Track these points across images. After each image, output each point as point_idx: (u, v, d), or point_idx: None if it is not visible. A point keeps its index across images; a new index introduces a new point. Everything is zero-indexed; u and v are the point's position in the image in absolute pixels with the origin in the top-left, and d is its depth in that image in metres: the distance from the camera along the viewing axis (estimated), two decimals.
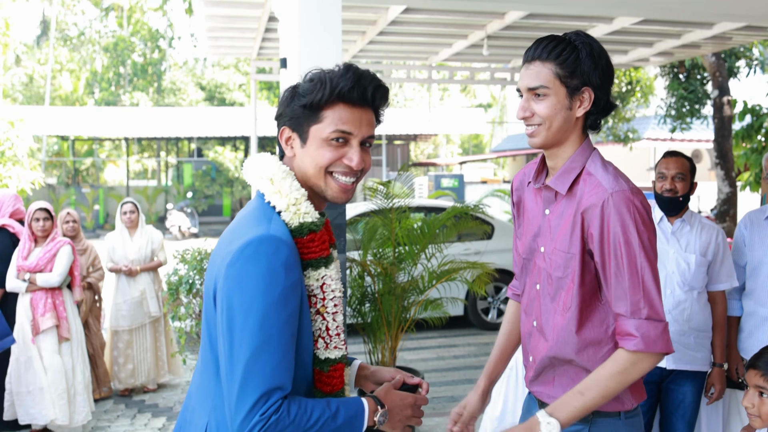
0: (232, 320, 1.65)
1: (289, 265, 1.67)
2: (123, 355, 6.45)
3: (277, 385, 1.64)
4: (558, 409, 1.94)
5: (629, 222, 1.92)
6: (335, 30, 4.22)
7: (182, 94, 30.85)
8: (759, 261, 3.61)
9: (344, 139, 1.76)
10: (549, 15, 7.50)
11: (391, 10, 7.27)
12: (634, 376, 1.93)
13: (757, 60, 12.80)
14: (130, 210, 6.52)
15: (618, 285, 1.95)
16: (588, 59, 1.98)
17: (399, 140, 29.60)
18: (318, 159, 1.76)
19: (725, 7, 6.33)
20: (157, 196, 25.54)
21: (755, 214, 3.72)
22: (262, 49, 9.82)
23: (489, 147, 38.83)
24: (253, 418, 1.61)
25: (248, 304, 1.64)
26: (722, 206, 12.19)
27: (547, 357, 2.10)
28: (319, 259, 1.76)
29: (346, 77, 1.74)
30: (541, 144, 2.06)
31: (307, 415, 1.66)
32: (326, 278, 1.78)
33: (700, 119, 13.92)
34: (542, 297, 2.11)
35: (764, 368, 2.25)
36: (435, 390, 6.66)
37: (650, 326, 1.92)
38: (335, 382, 1.82)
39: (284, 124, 1.81)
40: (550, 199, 2.11)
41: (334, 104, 1.74)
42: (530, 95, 2.03)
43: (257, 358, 1.63)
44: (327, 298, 1.79)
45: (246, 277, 1.64)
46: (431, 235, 5.36)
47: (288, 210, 1.74)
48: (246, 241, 1.67)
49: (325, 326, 1.79)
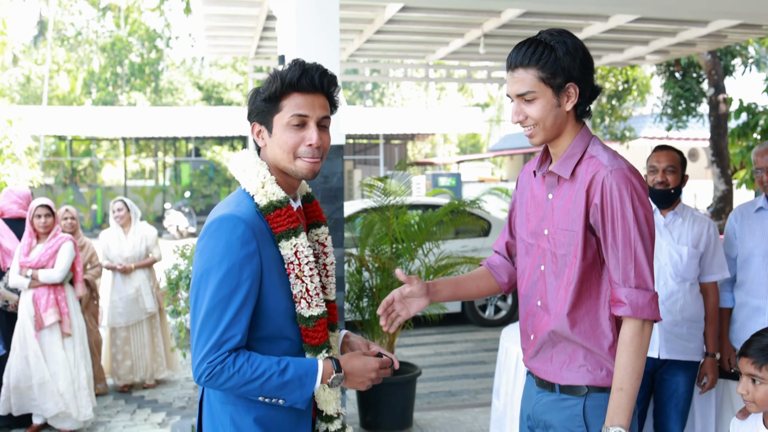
0: (195, 285, 1.96)
1: (245, 239, 1.94)
2: (121, 352, 6.52)
3: (226, 339, 1.90)
4: (614, 416, 2.08)
5: (626, 197, 2.08)
6: (333, 27, 4.26)
7: (179, 93, 30.90)
8: (749, 253, 3.68)
9: (302, 123, 2.03)
10: (545, 13, 7.54)
11: (388, 9, 7.31)
12: (646, 345, 2.09)
13: (752, 58, 12.87)
14: (118, 208, 6.61)
15: (613, 255, 2.10)
16: (566, 56, 2.10)
17: (396, 140, 29.64)
18: (283, 144, 2.03)
19: (720, 4, 6.37)
20: (154, 195, 25.57)
21: (745, 207, 3.79)
22: (260, 48, 9.84)
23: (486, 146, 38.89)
24: (202, 366, 1.90)
25: (206, 272, 1.94)
26: (718, 204, 12.25)
27: (548, 332, 2.21)
28: (288, 230, 2.02)
29: (294, 69, 2.02)
30: (541, 142, 2.21)
31: (252, 368, 1.91)
32: (298, 246, 2.03)
33: (696, 117, 13.98)
34: (547, 276, 2.23)
35: (755, 356, 2.31)
36: (433, 385, 6.72)
37: (639, 294, 2.08)
38: (320, 335, 2.06)
39: (253, 120, 2.10)
40: (553, 184, 2.24)
41: (289, 94, 2.02)
42: (520, 100, 2.17)
43: (210, 316, 1.91)
44: (302, 263, 2.04)
45: (207, 250, 1.95)
46: (428, 230, 5.42)
47: (257, 193, 2.03)
48: (211, 220, 1.99)
49: (304, 288, 2.03)
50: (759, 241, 3.66)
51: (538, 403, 2.28)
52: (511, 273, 2.50)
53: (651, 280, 2.09)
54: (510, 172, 33.35)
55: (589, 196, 2.12)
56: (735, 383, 3.70)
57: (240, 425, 2.00)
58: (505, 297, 9.19)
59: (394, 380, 5.28)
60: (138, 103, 32.86)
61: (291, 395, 1.96)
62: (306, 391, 1.97)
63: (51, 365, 5.31)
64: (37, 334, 5.27)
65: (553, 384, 2.23)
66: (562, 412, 2.20)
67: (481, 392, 6.46)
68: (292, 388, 1.95)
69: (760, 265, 3.65)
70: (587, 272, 2.15)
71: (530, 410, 2.33)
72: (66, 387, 5.30)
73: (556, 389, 2.23)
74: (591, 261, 2.15)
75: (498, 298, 9.19)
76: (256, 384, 1.91)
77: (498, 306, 9.22)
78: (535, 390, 2.31)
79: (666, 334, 3.51)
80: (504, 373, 4.14)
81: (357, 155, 30.08)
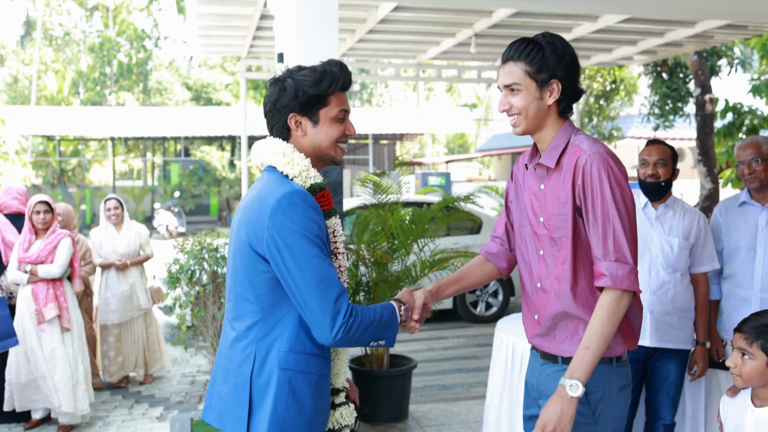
0: (293, 257, 2.08)
1: (316, 207, 2.14)
2: (113, 349, 6.53)
3: (341, 293, 2.09)
4: (574, 371, 2.21)
5: (604, 178, 2.26)
6: (332, 25, 4.35)
7: (168, 94, 30.85)
8: (735, 245, 3.80)
9: (344, 117, 2.30)
10: (535, 13, 7.66)
11: (381, 8, 7.41)
12: (621, 313, 2.24)
13: (738, 59, 13.04)
14: (114, 207, 6.61)
15: (594, 232, 2.28)
16: (552, 56, 2.32)
17: (385, 140, 29.74)
18: (332, 133, 2.29)
19: (707, 5, 6.51)
20: (143, 195, 25.54)
21: (729, 202, 3.92)
22: (253, 47, 9.92)
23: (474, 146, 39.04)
24: (336, 324, 2.06)
25: (298, 242, 2.07)
26: (705, 202, 12.42)
27: (550, 312, 2.38)
28: (329, 210, 2.27)
29: (345, 72, 2.28)
30: (523, 131, 2.41)
31: (367, 316, 2.13)
32: (335, 225, 2.29)
33: (683, 117, 14.15)
34: (547, 260, 2.41)
35: (748, 332, 2.42)
36: (427, 379, 6.82)
37: (618, 267, 2.23)
38: None
39: (293, 110, 2.25)
40: (544, 175, 2.43)
41: (336, 91, 2.27)
42: (507, 91, 2.39)
43: (320, 279, 2.07)
44: (338, 241, 2.29)
45: (288, 222, 2.08)
46: (423, 226, 5.51)
47: (300, 176, 2.21)
48: (279, 195, 2.11)
49: (338, 264, 2.29)
50: (743, 235, 3.79)
51: (542, 374, 2.44)
52: (510, 258, 2.68)
53: (630, 254, 2.24)
54: (498, 172, 33.51)
55: (574, 179, 2.30)
56: (723, 372, 3.82)
57: (298, 391, 2.14)
58: (497, 293, 9.31)
59: (390, 373, 5.37)
60: (126, 103, 32.79)
61: (388, 334, 2.20)
62: (395, 328, 2.24)
63: (50, 360, 5.36)
64: (42, 328, 5.33)
65: (556, 356, 2.40)
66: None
67: (474, 386, 6.56)
68: (388, 327, 2.20)
69: (745, 257, 3.77)
70: (580, 252, 2.32)
71: (534, 381, 2.50)
72: (64, 382, 5.36)
73: (559, 361, 2.39)
74: (583, 241, 2.32)
75: (489, 295, 9.30)
76: (371, 329, 2.13)
77: (489, 302, 9.33)
78: (539, 363, 2.48)
79: (657, 323, 3.62)
80: (498, 364, 4.23)
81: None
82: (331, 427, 2.33)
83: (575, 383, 2.18)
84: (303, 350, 2.15)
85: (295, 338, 2.14)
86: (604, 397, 2.31)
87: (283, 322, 2.15)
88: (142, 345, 6.66)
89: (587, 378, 2.20)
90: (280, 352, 2.14)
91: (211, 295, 4.94)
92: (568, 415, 2.16)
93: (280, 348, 2.14)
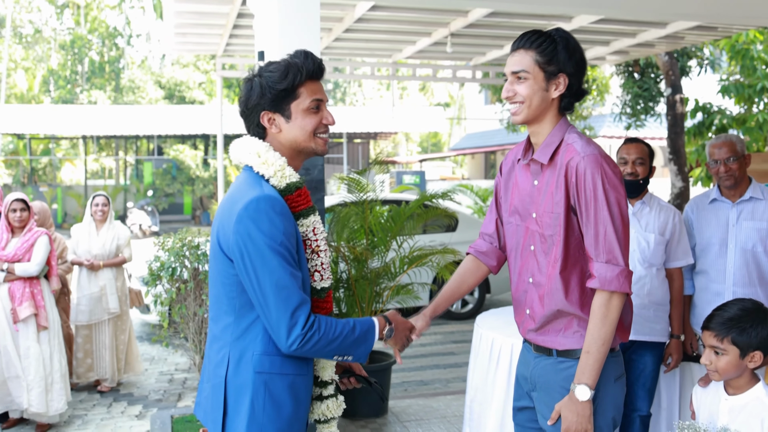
0: (253, 266, 2.07)
1: (285, 213, 2.11)
2: (82, 350, 6.39)
3: (302, 304, 2.08)
4: (581, 375, 2.31)
5: (598, 181, 2.29)
6: (314, 23, 4.38)
7: (141, 92, 30.59)
8: (707, 242, 3.91)
9: (318, 106, 2.25)
10: (511, 13, 7.74)
11: (358, 7, 7.44)
12: (614, 315, 2.31)
13: (707, 60, 13.25)
14: (103, 203, 6.47)
15: (587, 233, 2.33)
16: (564, 51, 2.35)
17: (359, 138, 29.77)
18: (306, 126, 2.24)
19: (679, 6, 6.63)
20: (116, 195, 25.32)
21: (700, 199, 4.03)
22: (229, 45, 9.89)
23: (447, 146, 39.19)
24: (294, 334, 2.05)
25: (260, 251, 2.05)
26: (675, 200, 12.61)
27: (543, 309, 2.43)
28: (307, 209, 2.24)
29: (308, 61, 2.23)
30: (523, 120, 2.41)
31: (332, 329, 2.12)
32: (315, 223, 2.26)
33: (654, 117, 14.33)
34: (537, 255, 2.45)
35: (717, 329, 2.47)
36: (405, 375, 6.88)
37: (608, 268, 2.29)
38: (328, 306, 2.29)
39: (264, 109, 2.23)
40: (537, 171, 2.46)
41: (305, 82, 2.23)
42: (513, 78, 2.39)
43: (281, 288, 2.06)
44: (319, 239, 2.26)
45: (253, 230, 2.06)
46: (401, 222, 5.57)
47: (275, 175, 2.19)
48: (247, 201, 2.09)
49: (320, 262, 2.25)
50: (715, 231, 3.90)
51: (536, 367, 2.50)
52: (499, 256, 2.71)
53: (621, 256, 2.30)
54: (471, 171, 33.67)
55: (567, 180, 2.33)
56: (696, 365, 3.92)
57: (274, 392, 2.15)
58: (472, 291, 9.38)
59: (369, 368, 5.41)
60: (98, 101, 32.45)
61: (358, 350, 2.18)
62: (369, 345, 2.20)
63: (24, 359, 5.33)
64: (17, 327, 5.29)
65: (551, 349, 2.45)
66: (559, 373, 2.42)
67: (453, 381, 6.64)
68: (359, 344, 2.18)
69: (717, 253, 3.88)
70: (573, 250, 2.36)
71: (528, 374, 2.54)
72: (38, 381, 5.32)
73: (554, 353, 2.44)
74: (576, 239, 2.36)
75: None
76: (335, 344, 2.11)
77: (465, 300, 9.42)
78: (533, 356, 2.52)
79: (634, 317, 3.69)
80: (478, 359, 4.29)
81: None
82: (317, 418, 2.37)
83: (583, 387, 2.29)
84: (277, 352, 2.15)
85: (269, 340, 2.14)
86: (601, 388, 2.38)
87: (256, 324, 2.15)
88: (112, 350, 6.46)
89: (594, 380, 2.30)
90: (254, 356, 2.14)
91: (192, 292, 4.95)
92: (585, 416, 2.30)
93: (254, 351, 2.14)
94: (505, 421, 3.88)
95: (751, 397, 2.42)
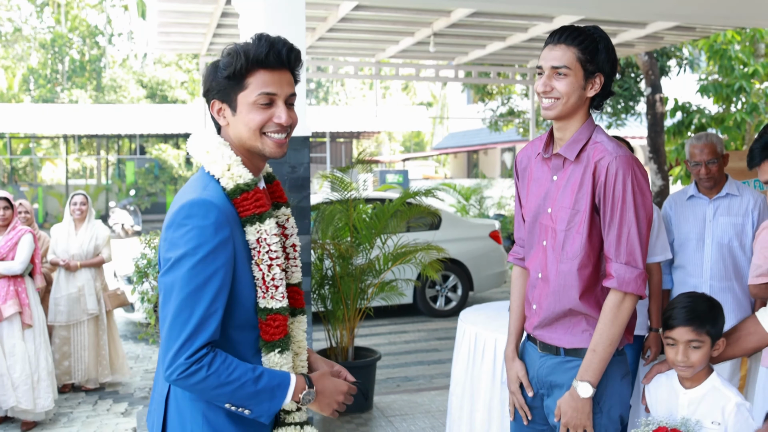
0: (166, 275, 1.83)
1: (218, 225, 1.82)
2: (59, 352, 6.25)
3: (201, 332, 1.78)
4: (584, 373, 2.34)
5: (628, 183, 2.29)
6: (299, 22, 4.42)
7: (123, 91, 30.45)
8: (685, 237, 4.01)
9: (270, 101, 1.91)
10: (493, 13, 7.82)
11: (342, 7, 7.49)
12: (625, 316, 2.33)
13: (686, 59, 13.42)
14: (81, 202, 6.37)
15: (609, 232, 2.33)
16: (604, 50, 2.34)
17: (342, 138, 29.80)
18: (250, 122, 1.92)
19: (658, 7, 6.74)
20: (98, 194, 25.18)
21: (678, 196, 4.13)
22: (212, 44, 9.90)
23: (430, 145, 39.30)
24: (177, 361, 1.77)
25: (178, 261, 1.80)
26: (655, 198, 12.75)
27: (553, 306, 2.43)
28: (253, 215, 1.91)
29: (260, 45, 1.89)
30: (555, 116, 2.37)
31: (228, 371, 1.79)
32: (262, 233, 1.91)
33: (634, 116, 14.48)
34: (548, 251, 2.44)
35: (694, 324, 2.37)
36: (390, 371, 6.94)
37: (627, 270, 2.30)
38: (273, 332, 1.93)
39: (213, 97, 1.96)
40: (558, 167, 2.44)
41: (255, 71, 1.90)
42: (552, 73, 2.35)
43: (183, 308, 1.78)
44: (262, 251, 1.91)
45: (178, 237, 1.81)
46: (386, 220, 5.63)
47: (224, 176, 1.91)
48: (180, 205, 1.84)
49: (261, 276, 1.91)
50: (692, 227, 4.00)
51: (543, 365, 2.50)
52: None
53: (641, 260, 2.32)
54: (454, 170, 33.77)
55: (595, 178, 2.33)
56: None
57: (214, 422, 1.90)
58: (456, 288, 9.46)
59: (355, 364, 5.47)
60: (80, 100, 32.24)
61: (259, 406, 1.85)
62: (275, 404, 1.87)
63: (9, 357, 5.33)
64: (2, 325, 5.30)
65: (558, 348, 2.46)
66: (567, 372, 2.43)
67: (436, 377, 6.71)
68: (262, 399, 1.84)
69: (695, 248, 3.99)
70: (590, 248, 2.36)
71: (533, 373, 2.54)
72: (23, 379, 5.32)
73: (561, 352, 2.45)
74: (595, 238, 2.36)
75: (448, 290, 9.45)
76: (228, 389, 1.79)
77: (448, 297, 9.49)
78: (538, 354, 2.52)
79: None
80: (461, 353, 4.35)
81: None
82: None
83: (585, 385, 2.33)
84: None
85: None
86: (608, 387, 2.40)
87: None
88: (91, 351, 6.33)
89: (597, 379, 2.33)
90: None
91: None
92: (584, 413, 2.34)
93: None
94: (492, 414, 3.94)
95: (708, 387, 2.45)
